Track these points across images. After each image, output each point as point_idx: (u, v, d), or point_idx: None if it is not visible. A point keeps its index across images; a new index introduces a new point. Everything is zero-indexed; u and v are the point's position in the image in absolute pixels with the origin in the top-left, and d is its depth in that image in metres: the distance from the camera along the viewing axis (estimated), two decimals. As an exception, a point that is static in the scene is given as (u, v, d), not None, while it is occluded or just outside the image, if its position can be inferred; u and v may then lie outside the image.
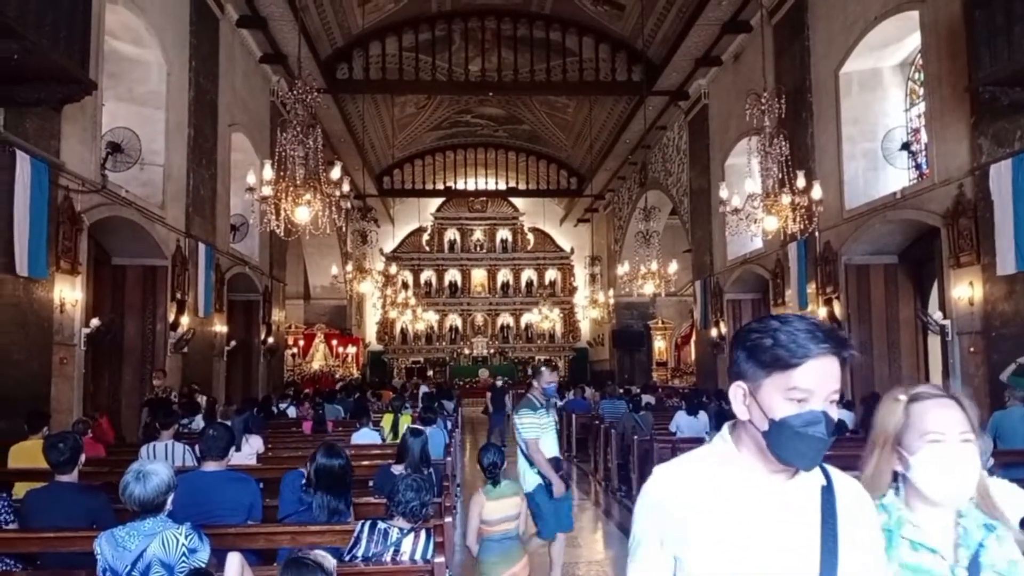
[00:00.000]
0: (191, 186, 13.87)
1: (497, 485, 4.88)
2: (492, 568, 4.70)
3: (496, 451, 5.10)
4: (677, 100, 20.67)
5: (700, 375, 21.50)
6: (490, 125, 29.80)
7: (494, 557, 4.72)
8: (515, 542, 4.83)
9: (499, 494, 4.84)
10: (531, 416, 5.99)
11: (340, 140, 23.37)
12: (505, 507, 4.81)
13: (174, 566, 3.14)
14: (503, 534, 4.77)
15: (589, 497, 10.78)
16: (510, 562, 4.71)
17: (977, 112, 9.76)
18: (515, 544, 4.83)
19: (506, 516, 4.81)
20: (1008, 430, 7.56)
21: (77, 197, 10.05)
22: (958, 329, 10.42)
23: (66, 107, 9.57)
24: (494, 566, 4.69)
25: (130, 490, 3.26)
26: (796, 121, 14.14)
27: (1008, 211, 9.01)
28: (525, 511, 5.01)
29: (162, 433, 7.08)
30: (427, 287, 35.93)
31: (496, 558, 4.71)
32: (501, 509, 4.80)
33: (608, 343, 32.65)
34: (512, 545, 4.80)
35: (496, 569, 4.69)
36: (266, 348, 18.47)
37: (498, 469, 4.97)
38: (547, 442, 6.06)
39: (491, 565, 4.71)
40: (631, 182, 28.21)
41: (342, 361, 29.13)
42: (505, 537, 4.78)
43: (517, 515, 4.87)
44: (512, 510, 4.84)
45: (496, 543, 4.76)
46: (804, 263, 14.37)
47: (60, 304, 9.76)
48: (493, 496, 4.81)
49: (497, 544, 4.76)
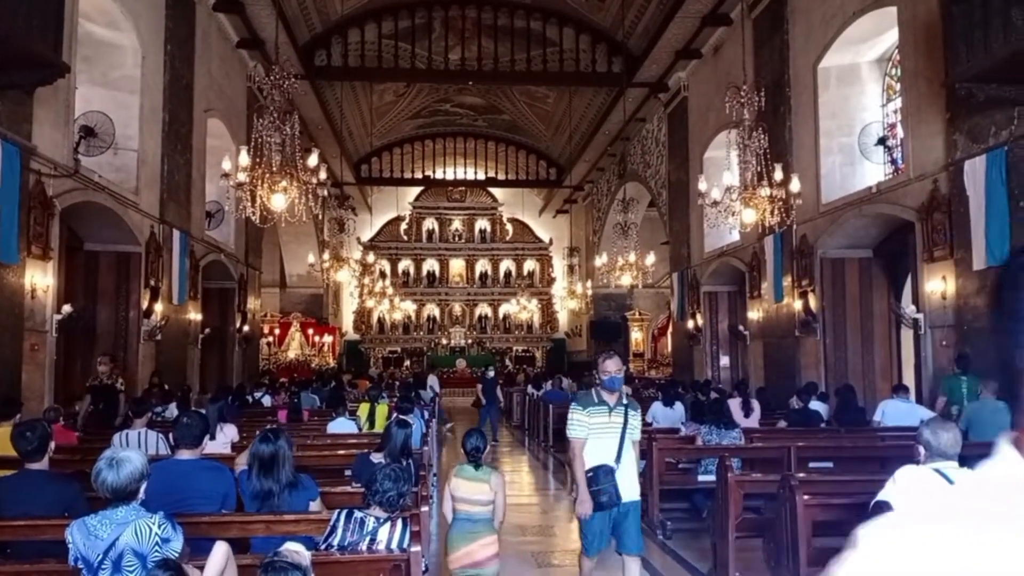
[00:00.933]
0: (166, 172, 13.70)
1: (477, 468, 4.96)
2: (452, 542, 4.88)
3: (480, 436, 5.22)
4: (657, 92, 20.71)
5: (676, 366, 21.64)
6: (469, 114, 29.69)
7: (455, 533, 4.89)
8: (481, 524, 4.88)
9: (470, 476, 4.93)
10: (579, 412, 5.07)
11: (318, 127, 23.18)
12: (472, 489, 4.88)
13: (147, 555, 3.10)
14: (466, 514, 4.88)
15: (565, 487, 10.82)
16: (468, 539, 4.82)
17: (953, 108, 9.86)
18: (481, 525, 4.88)
19: (472, 498, 4.89)
20: (980, 422, 7.67)
21: (49, 181, 9.89)
22: (931, 323, 10.55)
23: (38, 90, 9.42)
24: (453, 541, 4.87)
25: (103, 477, 3.21)
26: (775, 115, 14.21)
27: (982, 206, 9.12)
28: (502, 501, 5.00)
29: (135, 421, 7.02)
30: (405, 276, 35.80)
31: (455, 533, 4.87)
32: (468, 490, 4.89)
33: (586, 334, 32.75)
34: (476, 526, 4.87)
35: (455, 544, 4.85)
36: (241, 337, 18.32)
37: (480, 453, 5.07)
38: (598, 447, 5.01)
39: (452, 539, 4.89)
40: (610, 174, 28.26)
41: (318, 350, 28.98)
42: (467, 518, 4.87)
43: (488, 501, 4.91)
44: (479, 495, 4.89)
45: (460, 520, 4.90)
46: (780, 256, 14.48)
47: (31, 290, 9.62)
48: (464, 476, 4.94)
49: (461, 522, 4.89)
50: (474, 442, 5.14)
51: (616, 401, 5.08)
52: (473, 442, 5.14)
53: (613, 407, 5.05)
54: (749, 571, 5.58)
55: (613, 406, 5.05)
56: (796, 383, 12.71)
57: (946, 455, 3.83)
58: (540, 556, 6.85)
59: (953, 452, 3.84)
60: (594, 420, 5.01)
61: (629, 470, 5.06)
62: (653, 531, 7.62)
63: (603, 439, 5.00)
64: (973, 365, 9.21)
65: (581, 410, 5.06)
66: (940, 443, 3.82)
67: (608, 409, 5.03)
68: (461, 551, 4.83)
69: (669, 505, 7.89)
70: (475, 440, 5.16)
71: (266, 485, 4.23)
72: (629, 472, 5.05)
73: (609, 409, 5.03)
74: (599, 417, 5.02)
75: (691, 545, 7.10)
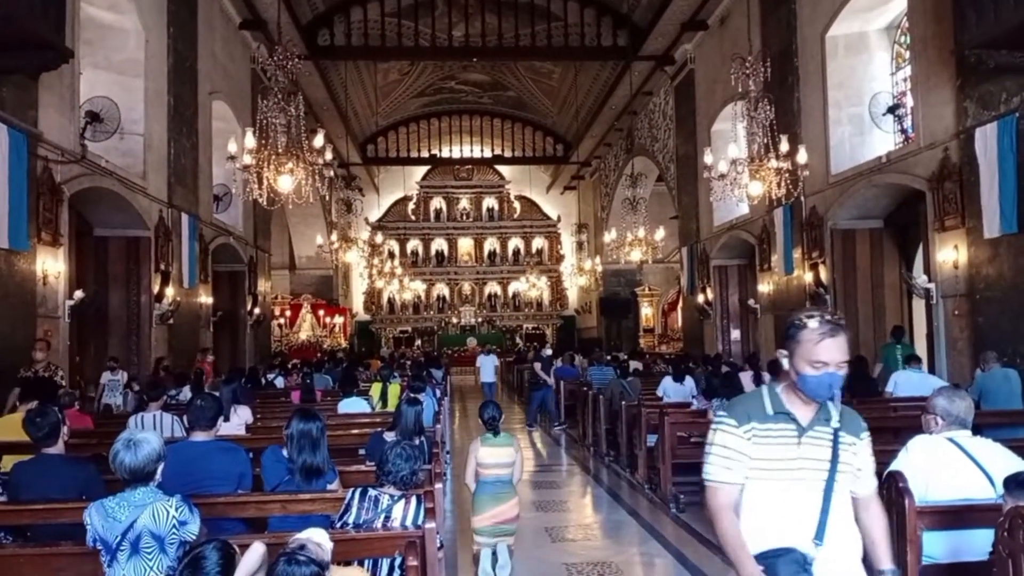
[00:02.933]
0: (172, 155, 13.70)
1: (496, 435, 5.57)
2: (483, 504, 5.43)
3: (495, 407, 5.74)
4: (663, 65, 20.53)
5: (687, 341, 21.62)
6: (475, 92, 29.53)
7: (485, 496, 5.46)
8: (506, 486, 5.50)
9: (494, 443, 5.54)
10: (728, 430, 2.68)
11: (323, 108, 23.10)
12: (498, 455, 5.48)
13: (164, 537, 3.14)
14: (495, 477, 5.47)
15: (578, 462, 10.87)
16: (498, 502, 5.42)
17: (963, 75, 9.74)
18: (506, 487, 5.49)
19: (499, 462, 5.47)
20: (991, 391, 7.66)
21: (57, 168, 9.90)
22: (942, 292, 10.49)
23: (43, 76, 9.41)
24: (484, 503, 5.43)
25: (120, 458, 3.24)
26: (782, 85, 14.08)
27: (994, 174, 9.03)
28: (520, 461, 5.56)
29: (150, 404, 7.06)
30: (413, 256, 35.83)
31: (486, 497, 5.45)
32: (494, 456, 5.48)
33: (595, 310, 32.74)
34: (503, 488, 5.48)
35: (486, 506, 5.42)
36: (253, 319, 18.40)
37: (496, 422, 5.63)
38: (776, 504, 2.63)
39: (482, 502, 5.45)
40: (617, 149, 28.10)
41: (329, 331, 29.07)
42: (497, 480, 5.47)
43: (510, 463, 5.50)
44: (505, 458, 5.49)
45: (489, 484, 5.48)
46: (790, 228, 14.40)
47: (43, 276, 9.67)
48: (489, 444, 5.53)
49: (490, 485, 5.47)
50: (491, 412, 5.68)
51: (816, 417, 2.67)
52: (490, 412, 5.68)
53: (809, 426, 2.65)
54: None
55: (809, 425, 2.66)
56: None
57: (958, 423, 3.81)
58: (555, 531, 6.90)
59: (966, 421, 3.82)
60: (764, 451, 2.63)
61: (847, 556, 2.65)
62: (666, 505, 7.66)
63: (786, 489, 2.63)
64: (984, 333, 9.21)
65: (732, 426, 2.68)
66: (951, 412, 3.80)
67: (798, 430, 2.65)
68: (491, 511, 5.41)
69: (681, 479, 7.91)
70: (491, 410, 5.69)
71: (313, 462, 4.25)
72: (848, 560, 2.65)
73: (800, 430, 2.65)
74: (776, 444, 2.64)
75: (704, 518, 7.13)
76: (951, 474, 3.72)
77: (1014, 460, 3.75)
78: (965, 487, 3.70)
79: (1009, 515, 2.99)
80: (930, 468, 3.75)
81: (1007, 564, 2.96)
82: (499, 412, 5.73)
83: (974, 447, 3.75)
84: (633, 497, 8.32)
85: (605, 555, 6.11)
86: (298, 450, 4.25)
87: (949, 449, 3.76)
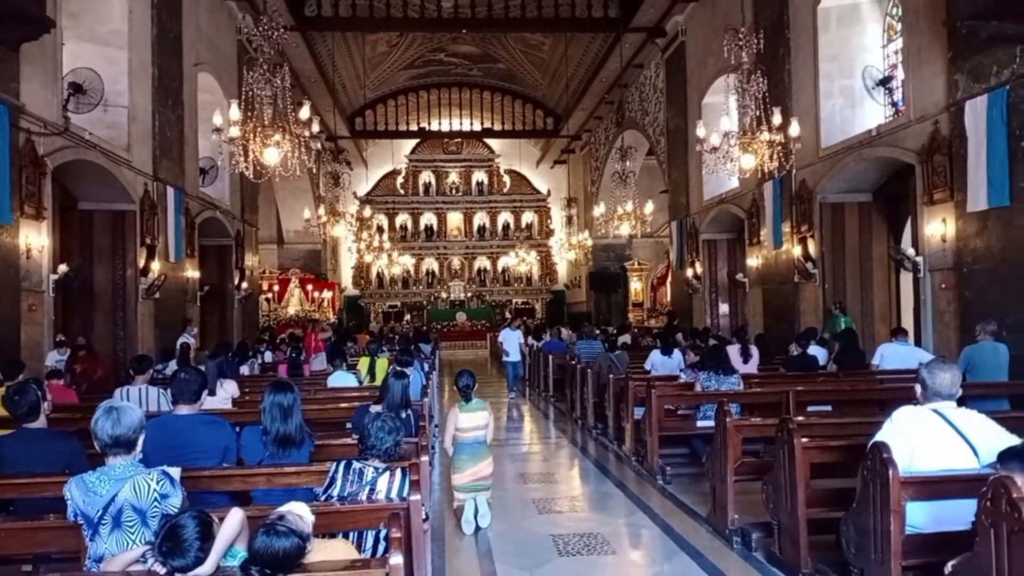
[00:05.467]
0: (157, 128, 13.53)
1: (469, 402, 6.22)
2: (463, 464, 6.09)
3: (469, 375, 6.31)
4: (654, 37, 20.36)
5: (675, 315, 21.64)
6: (464, 64, 29.26)
7: (464, 456, 6.12)
8: (482, 446, 6.19)
9: (470, 408, 6.20)
10: None
11: (310, 80, 22.85)
12: (474, 419, 6.16)
13: (146, 511, 3.11)
14: (473, 439, 6.16)
15: (566, 435, 10.90)
16: (476, 461, 6.10)
17: (955, 47, 9.69)
18: (482, 448, 6.18)
19: (475, 425, 6.14)
20: (979, 364, 7.70)
21: (39, 140, 9.77)
22: (930, 266, 10.52)
23: (24, 47, 9.25)
24: (464, 463, 6.09)
25: (101, 425, 3.21)
26: (774, 58, 13.99)
27: (982, 147, 9.02)
28: (491, 423, 6.27)
29: (136, 378, 7.03)
30: (402, 231, 35.68)
31: (465, 456, 6.11)
32: (471, 420, 6.15)
33: (585, 285, 32.74)
34: (479, 448, 6.16)
35: (465, 465, 6.08)
36: (240, 293, 18.31)
37: (470, 390, 6.24)
38: None
39: (462, 462, 6.10)
40: (608, 122, 27.96)
41: (318, 306, 29.00)
42: (475, 442, 6.16)
43: (485, 425, 6.19)
44: (480, 421, 6.17)
45: (467, 445, 6.14)
46: (780, 202, 14.39)
47: (26, 250, 9.58)
48: (465, 410, 6.19)
49: (467, 447, 6.14)
50: (465, 380, 6.27)
51: None
52: (464, 380, 6.27)
53: None
54: (747, 513, 5.63)
55: None
56: (795, 329, 12.74)
57: (943, 395, 3.82)
58: (541, 503, 6.92)
59: (951, 392, 3.83)
60: None
61: None
62: (653, 477, 7.69)
63: None
64: (971, 306, 9.27)
65: None
66: (937, 383, 3.81)
67: None
68: (470, 470, 6.07)
69: (668, 451, 7.95)
70: (465, 379, 6.28)
71: (285, 430, 4.27)
72: None
73: None
74: None
75: (690, 489, 7.17)
76: (935, 445, 3.73)
77: (998, 431, 3.77)
78: (949, 458, 3.72)
79: (992, 485, 3.00)
80: (914, 439, 3.76)
81: (989, 533, 2.97)
82: (473, 380, 6.27)
83: (958, 418, 3.77)
84: (620, 469, 8.36)
85: (592, 526, 6.14)
86: (271, 419, 4.27)
87: (934, 420, 3.77)
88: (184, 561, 2.64)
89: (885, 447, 3.70)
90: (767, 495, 5.13)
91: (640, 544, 5.83)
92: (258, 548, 2.63)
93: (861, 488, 3.92)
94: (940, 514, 3.73)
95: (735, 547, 5.48)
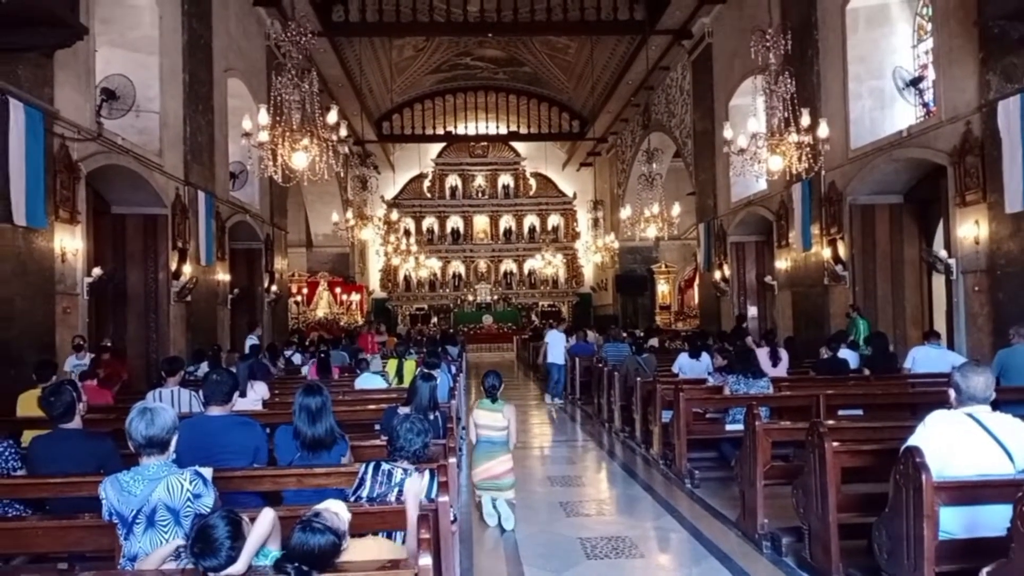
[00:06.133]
0: (188, 133, 13.72)
1: (494, 401, 6.35)
2: (477, 460, 6.31)
3: (495, 376, 6.47)
4: (680, 39, 20.28)
5: (703, 318, 21.53)
6: (490, 67, 29.34)
7: (479, 453, 6.32)
8: (497, 446, 6.29)
9: (489, 408, 6.34)
10: None
11: (338, 85, 23.04)
12: (492, 418, 6.30)
13: (179, 511, 3.16)
14: (487, 438, 6.32)
15: (593, 438, 10.88)
16: (489, 459, 6.22)
17: (986, 47, 9.56)
18: (497, 447, 6.29)
19: (492, 425, 6.28)
20: (1013, 368, 7.56)
21: (73, 145, 9.94)
22: (963, 268, 10.37)
23: (58, 53, 9.42)
24: (478, 459, 6.30)
25: (135, 426, 3.26)
26: (802, 59, 13.87)
27: (1017, 148, 8.87)
28: (514, 427, 6.35)
29: (168, 380, 7.12)
30: (429, 234, 35.82)
31: (480, 453, 6.31)
32: (487, 419, 6.31)
33: (611, 288, 32.64)
34: (494, 447, 6.29)
35: (479, 462, 6.27)
36: (270, 296, 18.49)
37: (496, 390, 6.39)
38: None
39: (476, 458, 6.32)
40: (634, 124, 27.87)
41: (346, 309, 29.20)
42: (489, 440, 6.31)
43: (502, 427, 6.27)
44: (497, 422, 6.28)
45: (483, 443, 6.34)
46: (808, 204, 14.25)
47: (61, 254, 9.74)
48: (484, 408, 6.37)
49: (484, 444, 6.33)
50: (491, 381, 6.43)
51: None
52: (491, 381, 6.43)
53: None
54: (777, 518, 5.58)
55: None
56: (825, 332, 12.60)
57: (977, 399, 3.77)
58: (569, 506, 6.91)
59: (985, 396, 3.78)
60: None
61: None
62: (681, 480, 7.65)
63: None
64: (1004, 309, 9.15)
65: None
66: (971, 386, 3.76)
67: None
68: (482, 467, 6.22)
69: (697, 455, 7.90)
70: (492, 379, 6.44)
71: (314, 433, 4.31)
72: None
73: None
74: None
75: (719, 493, 7.12)
76: (969, 449, 3.68)
77: (1033, 436, 3.70)
78: (983, 462, 3.66)
79: (1028, 490, 2.95)
80: (948, 443, 3.71)
81: (1025, 540, 2.93)
82: (499, 381, 6.45)
83: (993, 422, 3.71)
84: (648, 473, 8.32)
85: (619, 530, 6.12)
86: (300, 422, 4.33)
87: (968, 424, 3.72)
88: (216, 561, 2.66)
89: (918, 451, 3.66)
90: (797, 499, 5.09)
91: (668, 548, 5.80)
92: (294, 545, 2.66)
93: (893, 493, 3.87)
94: (974, 519, 3.68)
95: (765, 552, 5.43)
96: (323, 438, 4.32)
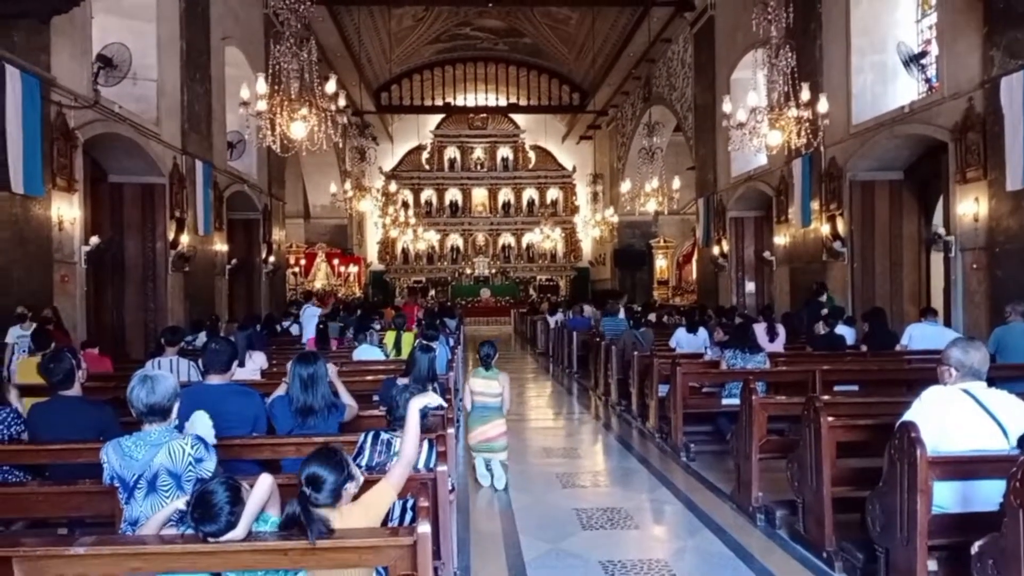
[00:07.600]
0: (186, 102, 13.62)
1: (488, 369, 6.76)
2: (472, 424, 6.75)
3: (490, 346, 6.94)
4: (682, 11, 20.10)
5: (701, 293, 21.56)
6: (490, 38, 29.08)
7: (474, 417, 6.74)
8: (491, 411, 6.68)
9: (484, 375, 6.74)
10: None
11: (336, 54, 22.84)
12: (487, 385, 6.69)
13: (181, 475, 3.18)
14: (482, 403, 6.73)
15: (589, 411, 10.94)
16: (483, 423, 6.65)
17: (991, 22, 9.49)
18: (491, 412, 6.68)
19: (486, 391, 6.68)
20: (1009, 345, 7.59)
21: (70, 113, 9.88)
22: (961, 245, 10.37)
23: (55, 20, 9.32)
24: (473, 424, 6.73)
25: (136, 393, 3.26)
26: (804, 33, 13.76)
27: (1019, 125, 8.84)
28: (508, 394, 6.73)
29: (167, 349, 7.13)
30: (427, 206, 35.73)
31: (475, 418, 6.74)
32: (483, 386, 6.71)
33: (610, 262, 32.63)
34: (489, 412, 6.67)
35: (474, 426, 6.70)
36: (268, 267, 18.47)
37: (490, 359, 6.83)
38: None
39: (472, 423, 6.76)
40: (634, 97, 27.70)
41: (344, 280, 29.20)
42: (484, 406, 6.71)
43: (496, 393, 6.67)
44: (491, 389, 6.67)
45: (478, 408, 6.75)
46: (808, 179, 14.22)
47: (59, 222, 9.71)
48: (479, 376, 6.78)
49: (479, 410, 6.73)
50: (486, 350, 6.87)
51: None
52: (485, 350, 6.86)
53: None
54: (772, 491, 5.63)
55: None
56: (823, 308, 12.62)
57: (978, 374, 3.79)
58: (565, 478, 6.96)
59: (982, 372, 3.80)
60: None
61: None
62: (676, 453, 7.71)
63: None
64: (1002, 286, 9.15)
65: None
66: (972, 361, 3.77)
67: None
68: (477, 431, 6.65)
69: (693, 428, 7.95)
70: (487, 348, 6.88)
71: (308, 402, 4.38)
72: None
73: None
74: None
75: (714, 467, 7.18)
76: (964, 425, 3.70)
77: (1029, 412, 3.73)
78: (978, 438, 3.69)
79: (1021, 466, 2.98)
80: (943, 418, 3.74)
81: (1018, 514, 2.96)
82: (494, 350, 6.92)
83: (989, 398, 3.74)
84: (643, 446, 8.38)
85: (615, 501, 6.17)
86: (294, 389, 4.42)
87: (963, 400, 3.74)
88: (216, 526, 2.69)
89: (913, 426, 3.68)
90: (792, 473, 5.13)
91: (663, 519, 5.85)
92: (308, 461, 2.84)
93: (888, 467, 3.90)
94: (967, 494, 3.71)
95: (759, 524, 5.49)
96: (314, 406, 4.39)
